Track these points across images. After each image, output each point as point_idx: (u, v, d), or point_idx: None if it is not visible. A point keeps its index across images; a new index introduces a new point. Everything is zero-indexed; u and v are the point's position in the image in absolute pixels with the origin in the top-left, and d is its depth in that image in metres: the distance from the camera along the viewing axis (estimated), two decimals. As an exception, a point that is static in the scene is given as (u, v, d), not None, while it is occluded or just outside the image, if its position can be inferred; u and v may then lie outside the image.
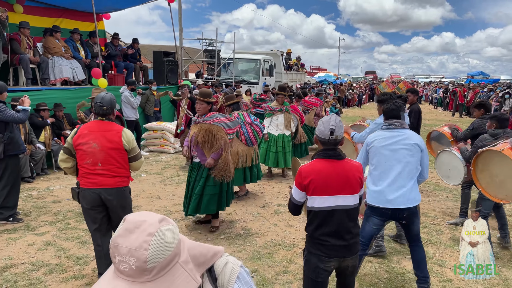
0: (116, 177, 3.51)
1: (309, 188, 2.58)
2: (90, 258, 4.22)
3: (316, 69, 45.52)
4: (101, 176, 3.44)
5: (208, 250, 1.23)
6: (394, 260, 4.31)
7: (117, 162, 3.49)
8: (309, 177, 2.57)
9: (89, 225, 3.62)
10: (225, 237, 4.86)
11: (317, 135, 2.69)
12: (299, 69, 22.53)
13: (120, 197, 3.55)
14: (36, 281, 3.75)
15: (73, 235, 4.83)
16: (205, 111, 4.76)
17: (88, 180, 3.45)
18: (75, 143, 3.43)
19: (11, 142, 5.11)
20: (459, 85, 23.89)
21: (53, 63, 9.01)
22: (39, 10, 10.60)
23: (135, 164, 3.62)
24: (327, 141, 2.63)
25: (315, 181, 2.55)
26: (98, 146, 3.40)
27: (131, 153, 3.56)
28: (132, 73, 11.20)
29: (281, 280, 3.85)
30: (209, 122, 4.67)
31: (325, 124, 2.63)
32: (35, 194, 6.42)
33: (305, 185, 2.58)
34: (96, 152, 3.41)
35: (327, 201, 2.56)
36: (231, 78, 15.74)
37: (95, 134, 3.42)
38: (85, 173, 3.46)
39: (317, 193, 2.56)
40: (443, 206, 6.14)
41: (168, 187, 7.01)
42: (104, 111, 3.49)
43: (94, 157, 3.41)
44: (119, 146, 3.47)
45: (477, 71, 45.83)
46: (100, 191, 3.45)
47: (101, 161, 3.42)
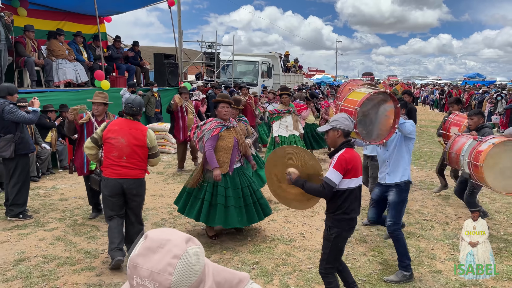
0: (137, 170, 4.03)
1: (351, 172, 3.08)
2: (99, 252, 4.45)
3: (314, 70, 45.88)
4: (125, 168, 3.95)
5: (233, 276, 1.12)
6: (388, 253, 4.55)
7: (139, 157, 4.02)
8: (352, 163, 3.07)
9: (106, 211, 4.09)
10: (226, 232, 5.09)
11: (342, 129, 3.15)
12: (297, 71, 22.80)
13: (139, 186, 4.09)
14: (49, 272, 3.97)
15: (81, 231, 5.05)
16: (235, 116, 5.13)
17: (113, 171, 3.95)
18: (104, 136, 3.97)
19: (22, 142, 5.33)
20: (455, 87, 24.20)
21: (57, 66, 9.23)
22: (42, 13, 10.80)
23: (154, 160, 4.18)
24: (349, 133, 3.20)
25: (355, 166, 3.10)
26: (125, 141, 3.93)
27: (152, 150, 4.11)
28: (134, 75, 11.42)
29: (281, 272, 4.09)
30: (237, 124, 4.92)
31: (349, 119, 3.20)
32: (42, 193, 6.63)
33: (349, 169, 3.07)
34: (123, 147, 3.93)
35: (357, 181, 3.16)
36: (230, 80, 15.99)
37: (123, 131, 3.96)
38: (110, 164, 3.96)
39: (352, 175, 3.10)
40: (435, 203, 6.38)
41: (171, 185, 7.24)
42: (133, 112, 4.04)
43: (120, 151, 3.93)
44: (143, 143, 4.01)
45: (474, 73, 46.28)
46: (123, 181, 3.95)
47: (126, 155, 3.94)
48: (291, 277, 3.98)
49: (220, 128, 4.57)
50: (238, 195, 4.59)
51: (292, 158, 3.32)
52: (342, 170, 3.07)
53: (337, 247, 3.21)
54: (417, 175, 8.33)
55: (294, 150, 3.35)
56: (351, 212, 3.16)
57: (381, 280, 3.95)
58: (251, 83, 16.90)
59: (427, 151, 11.20)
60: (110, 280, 3.86)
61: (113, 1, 10.92)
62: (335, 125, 3.17)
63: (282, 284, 3.84)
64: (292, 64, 21.99)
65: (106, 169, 3.99)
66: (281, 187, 3.47)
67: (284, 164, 3.33)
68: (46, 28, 10.38)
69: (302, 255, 4.49)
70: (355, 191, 3.18)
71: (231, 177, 4.63)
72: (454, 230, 5.28)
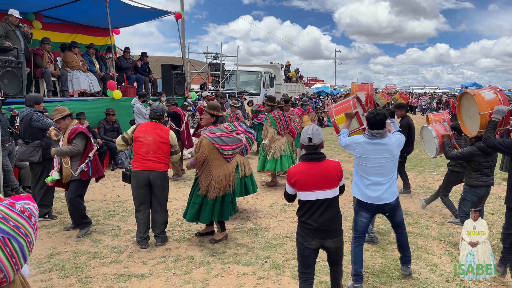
0: (161, 164, 4.79)
1: (296, 185, 3.25)
2: (123, 248, 4.85)
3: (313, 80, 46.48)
4: (151, 162, 4.71)
5: None
6: (388, 249, 4.95)
7: (163, 152, 4.80)
8: (295, 177, 3.24)
9: (135, 200, 4.85)
10: (239, 231, 5.49)
11: (300, 142, 3.38)
12: (298, 80, 23.34)
13: (163, 179, 4.84)
14: (81, 265, 4.37)
15: (104, 229, 5.45)
16: (207, 122, 4.88)
17: (141, 164, 4.71)
18: (134, 136, 4.77)
19: (48, 147, 5.74)
20: (452, 96, 24.76)
21: (72, 76, 9.70)
22: (55, 26, 11.31)
23: (175, 156, 5.03)
24: (307, 146, 3.30)
25: (300, 180, 3.22)
26: (152, 139, 4.72)
27: (173, 148, 4.94)
28: (143, 85, 11.88)
29: (291, 265, 4.48)
30: (204, 134, 4.78)
31: (304, 133, 3.31)
32: (62, 196, 7.00)
33: (292, 183, 3.27)
34: (150, 144, 4.72)
35: (310, 195, 3.22)
36: (234, 90, 16.49)
37: (150, 131, 4.78)
38: (139, 158, 4.72)
39: (302, 189, 3.23)
40: (432, 205, 6.79)
41: (182, 189, 7.64)
42: (157, 116, 4.89)
43: (148, 147, 4.71)
44: (166, 141, 4.83)
45: (471, 82, 46.87)
46: (149, 173, 4.70)
47: (153, 151, 4.72)
48: (301, 269, 4.37)
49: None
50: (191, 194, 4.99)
51: None
52: (288, 183, 3.31)
53: (300, 253, 3.34)
54: (415, 180, 8.76)
55: None
56: (307, 223, 3.25)
57: (383, 272, 4.35)
58: (254, 93, 17.42)
59: (424, 158, 11.63)
60: (137, 271, 4.25)
61: (123, 15, 11.41)
62: None
63: (293, 275, 4.23)
64: (294, 74, 22.55)
65: (136, 163, 4.74)
66: None
67: None
68: (59, 40, 10.90)
69: (310, 250, 4.88)
70: (307, 204, 3.23)
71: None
72: (450, 229, 5.69)
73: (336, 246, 3.35)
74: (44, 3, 9.79)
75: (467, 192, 5.02)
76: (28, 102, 5.87)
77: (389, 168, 3.92)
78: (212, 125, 4.87)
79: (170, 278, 4.13)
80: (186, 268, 4.36)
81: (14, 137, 6.82)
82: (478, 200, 5.00)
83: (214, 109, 4.89)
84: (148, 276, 4.17)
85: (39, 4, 9.84)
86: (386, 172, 3.91)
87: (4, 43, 7.64)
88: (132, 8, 10.74)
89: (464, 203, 5.04)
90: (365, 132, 4.00)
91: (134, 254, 4.69)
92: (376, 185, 3.91)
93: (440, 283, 4.14)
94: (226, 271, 4.32)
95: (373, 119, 3.88)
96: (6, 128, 6.67)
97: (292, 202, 3.51)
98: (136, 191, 4.79)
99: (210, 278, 4.15)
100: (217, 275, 4.22)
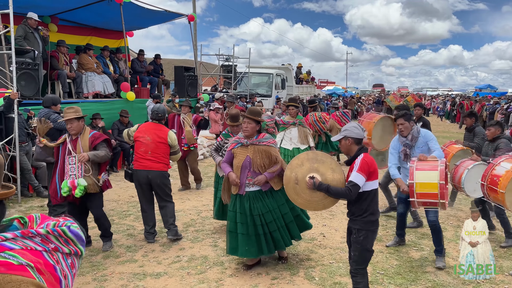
0: (160, 163, 4.90)
1: (373, 174, 3.32)
2: (138, 247, 4.89)
3: (325, 82, 46.31)
4: (150, 161, 4.82)
5: None
6: (403, 251, 4.91)
7: (162, 152, 4.92)
8: (373, 166, 3.33)
9: (140, 197, 5.03)
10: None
11: (352, 137, 3.38)
12: (310, 82, 23.31)
13: (162, 178, 4.93)
14: (97, 263, 4.42)
15: (119, 229, 5.50)
16: (254, 131, 4.21)
17: (140, 163, 4.86)
18: (135, 136, 4.95)
19: (65, 148, 5.83)
20: (466, 98, 24.46)
21: (86, 78, 9.82)
22: (70, 29, 11.49)
23: (175, 156, 5.16)
24: (361, 140, 3.44)
25: (375, 169, 3.36)
26: (150, 139, 4.85)
27: (173, 148, 5.04)
28: (156, 87, 11.99)
29: (305, 265, 4.47)
30: (266, 143, 4.18)
31: (359, 127, 3.45)
32: (77, 196, 7.11)
33: (371, 172, 3.30)
34: (149, 143, 4.84)
35: (377, 183, 3.42)
36: (246, 92, 16.53)
37: (149, 131, 4.92)
38: (138, 158, 4.87)
39: (374, 177, 3.35)
40: (448, 208, 6.69)
41: (194, 190, 7.68)
42: (158, 117, 5.05)
43: (146, 147, 4.84)
44: (164, 141, 4.93)
45: (485, 84, 46.31)
46: (148, 172, 4.82)
47: (151, 150, 4.83)
48: (315, 270, 4.36)
49: (235, 144, 4.29)
50: (246, 221, 4.15)
51: (320, 164, 3.45)
52: (366, 173, 3.26)
53: (366, 249, 3.36)
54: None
55: (324, 159, 3.49)
56: (376, 213, 3.38)
57: (398, 274, 4.31)
58: (266, 95, 17.44)
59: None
60: (152, 271, 4.28)
61: (137, 18, 11.54)
62: (346, 134, 3.39)
63: (307, 276, 4.22)
64: (306, 76, 22.53)
65: (136, 163, 4.91)
66: (295, 189, 3.51)
67: (310, 168, 3.45)
68: (74, 43, 11.05)
69: (323, 251, 4.87)
70: (377, 192, 3.42)
71: (241, 201, 4.20)
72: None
73: None
74: (60, 6, 9.96)
75: None
76: (46, 103, 5.97)
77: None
78: (261, 133, 4.27)
79: (185, 277, 4.16)
80: (200, 267, 4.38)
81: (31, 137, 6.94)
82: None
83: (257, 114, 4.24)
84: (163, 275, 4.20)
85: (55, 8, 10.01)
86: None
87: (24, 45, 7.78)
88: (145, 10, 10.86)
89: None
90: None
91: (148, 253, 4.73)
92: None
93: (457, 285, 4.09)
94: (240, 271, 4.32)
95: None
96: (23, 128, 6.80)
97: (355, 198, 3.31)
98: (138, 189, 5.01)
99: (225, 278, 4.16)
100: (231, 275, 4.23)
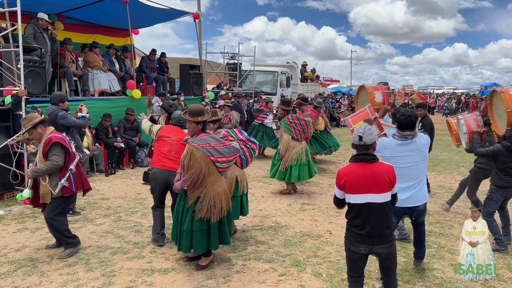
0: None
1: (345, 187, 3.10)
2: (145, 244, 4.91)
3: (329, 80, 46.16)
4: (172, 162, 4.76)
5: None
6: (410, 248, 4.89)
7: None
8: (345, 178, 3.09)
9: (154, 198, 4.92)
10: (259, 229, 5.51)
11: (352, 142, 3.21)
12: (314, 80, 23.26)
13: None
14: (105, 259, 4.45)
15: (126, 226, 5.53)
16: (195, 131, 4.10)
17: (162, 163, 4.79)
18: (158, 135, 4.95)
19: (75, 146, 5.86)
20: (472, 96, 24.33)
21: (93, 76, 9.86)
22: (76, 27, 11.54)
23: None
24: (358, 146, 3.14)
25: (349, 181, 3.07)
26: (175, 140, 4.90)
27: None
28: (161, 85, 12.01)
29: (312, 262, 4.48)
30: (195, 145, 4.01)
31: (355, 131, 3.13)
32: (84, 193, 7.15)
33: (341, 184, 3.11)
34: (174, 144, 4.87)
35: (359, 198, 3.06)
36: (251, 89, 16.53)
37: (174, 133, 4.96)
38: (161, 157, 4.81)
39: (351, 191, 3.08)
40: (454, 206, 6.68)
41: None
42: (181, 124, 5.09)
43: (171, 147, 4.84)
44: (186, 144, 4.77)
45: (491, 83, 45.94)
46: (169, 173, 4.69)
47: (175, 151, 4.81)
48: (322, 267, 4.37)
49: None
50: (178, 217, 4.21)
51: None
52: (337, 185, 3.14)
53: (348, 257, 3.23)
54: (436, 180, 8.64)
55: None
56: (355, 227, 3.12)
57: (405, 270, 4.31)
58: (270, 93, 17.42)
59: (444, 158, 11.46)
60: (160, 266, 4.30)
61: (143, 16, 11.55)
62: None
63: (314, 272, 4.23)
64: (310, 75, 22.48)
65: (157, 162, 4.83)
66: None
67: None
68: (80, 41, 11.10)
69: (330, 248, 4.87)
70: (355, 208, 3.10)
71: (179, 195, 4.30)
72: (472, 229, 5.59)
73: (387, 252, 3.15)
74: (66, 4, 9.99)
75: (494, 192, 4.89)
76: (53, 100, 6.00)
77: (420, 169, 3.90)
78: (202, 133, 4.12)
79: (192, 273, 4.18)
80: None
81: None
82: (504, 200, 4.93)
83: (197, 114, 4.05)
84: (170, 271, 4.22)
85: (61, 6, 10.04)
86: (415, 174, 3.89)
87: (32, 43, 7.83)
88: (151, 8, 10.86)
89: (489, 203, 4.92)
90: (395, 134, 3.96)
91: (156, 249, 4.75)
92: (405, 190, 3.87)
93: (464, 282, 4.08)
94: (247, 267, 4.34)
95: (404, 121, 3.86)
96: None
97: (342, 208, 3.29)
98: (155, 191, 4.85)
99: (232, 274, 4.17)
100: (238, 271, 4.25)
